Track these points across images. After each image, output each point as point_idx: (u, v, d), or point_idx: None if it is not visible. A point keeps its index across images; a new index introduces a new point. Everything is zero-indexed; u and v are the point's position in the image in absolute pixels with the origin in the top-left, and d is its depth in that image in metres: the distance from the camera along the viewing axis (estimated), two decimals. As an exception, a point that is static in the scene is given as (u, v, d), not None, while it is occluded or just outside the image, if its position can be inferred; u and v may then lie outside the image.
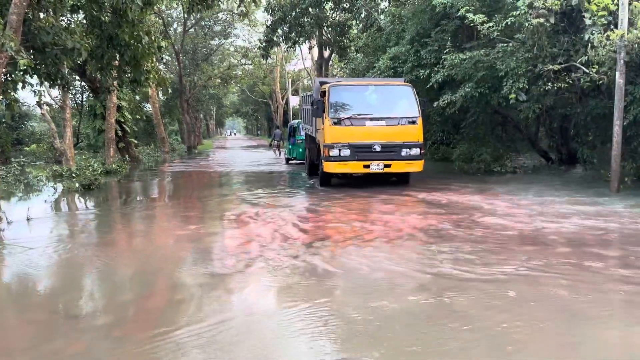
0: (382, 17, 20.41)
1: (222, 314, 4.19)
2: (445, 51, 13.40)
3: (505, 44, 11.91)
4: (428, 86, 13.95)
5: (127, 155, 20.87)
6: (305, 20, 24.84)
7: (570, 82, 10.72)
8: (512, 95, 11.46)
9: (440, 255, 5.79)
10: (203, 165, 22.85)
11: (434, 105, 13.83)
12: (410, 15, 15.59)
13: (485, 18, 11.87)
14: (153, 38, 12.53)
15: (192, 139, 38.45)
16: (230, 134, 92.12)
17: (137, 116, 23.48)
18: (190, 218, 9.11)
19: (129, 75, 12.87)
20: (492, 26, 11.73)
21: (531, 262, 5.42)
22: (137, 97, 25.15)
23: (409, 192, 11.28)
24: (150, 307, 4.57)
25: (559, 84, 10.87)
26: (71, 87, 15.47)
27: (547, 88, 10.98)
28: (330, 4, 25.38)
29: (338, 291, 4.74)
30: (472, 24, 12.24)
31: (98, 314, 4.44)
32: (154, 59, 13.01)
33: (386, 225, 7.70)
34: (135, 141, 23.04)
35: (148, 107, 30.91)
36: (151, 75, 12.84)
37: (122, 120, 20.28)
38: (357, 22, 23.98)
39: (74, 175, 14.72)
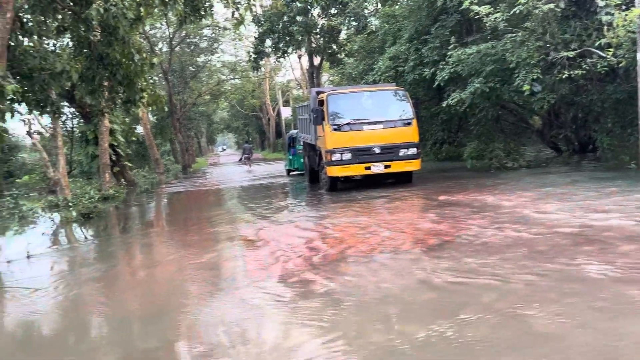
0: (373, 19, 20.02)
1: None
2: (449, 47, 12.94)
3: (514, 34, 11.44)
4: (435, 85, 13.49)
5: (122, 180, 20.19)
6: (294, 29, 24.37)
7: (587, 68, 10.25)
8: (526, 87, 10.99)
9: (484, 264, 5.20)
10: (201, 183, 22.24)
11: (443, 105, 13.38)
12: (406, 13, 15.16)
13: (491, 9, 11.41)
14: (144, 55, 11.96)
15: (185, 158, 37.81)
16: (223, 150, 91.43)
17: (133, 138, 22.85)
18: (201, 242, 8.49)
19: (122, 95, 12.27)
20: (499, 17, 11.27)
21: (593, 264, 4.86)
22: (127, 120, 24.51)
23: (425, 194, 10.81)
24: (174, 357, 3.96)
25: (574, 71, 10.39)
26: (61, 114, 14.81)
27: (562, 76, 10.50)
28: (317, 10, 24.98)
29: (389, 317, 4.14)
30: (476, 17, 11.78)
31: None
32: (147, 77, 12.42)
33: (414, 232, 7.13)
34: (130, 164, 22.36)
35: (140, 129, 30.27)
36: (145, 94, 12.25)
37: (116, 144, 19.60)
38: (348, 26, 23.56)
39: (70, 204, 14.06)
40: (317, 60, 31.49)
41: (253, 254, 7.00)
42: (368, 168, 11.89)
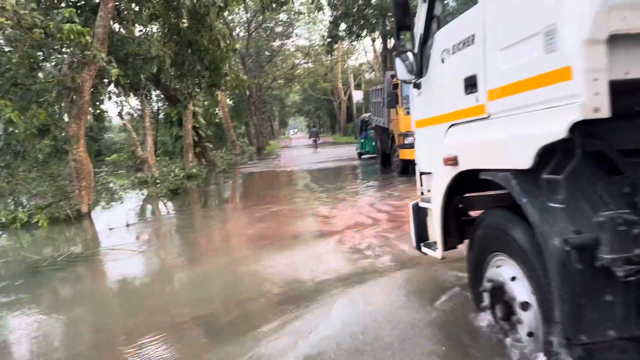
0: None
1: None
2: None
3: None
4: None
5: (203, 160, 21.35)
6: (369, 12, 24.44)
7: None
8: None
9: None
10: (275, 165, 23.04)
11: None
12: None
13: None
14: (228, 41, 12.65)
15: (259, 140, 39.04)
16: (294, 133, 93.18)
17: (216, 120, 24.06)
18: (274, 217, 9.03)
19: (207, 80, 13.06)
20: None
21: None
22: (207, 103, 25.71)
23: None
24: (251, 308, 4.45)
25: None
26: (150, 97, 15.94)
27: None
28: (393, -7, 24.84)
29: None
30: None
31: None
32: (231, 62, 13.13)
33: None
34: (210, 145, 23.55)
35: (217, 112, 31.65)
36: (229, 78, 12.97)
37: (197, 125, 20.75)
38: (423, 9, 23.30)
39: (157, 181, 15.16)
40: (391, 44, 31.39)
41: (323, 227, 7.43)
42: None
